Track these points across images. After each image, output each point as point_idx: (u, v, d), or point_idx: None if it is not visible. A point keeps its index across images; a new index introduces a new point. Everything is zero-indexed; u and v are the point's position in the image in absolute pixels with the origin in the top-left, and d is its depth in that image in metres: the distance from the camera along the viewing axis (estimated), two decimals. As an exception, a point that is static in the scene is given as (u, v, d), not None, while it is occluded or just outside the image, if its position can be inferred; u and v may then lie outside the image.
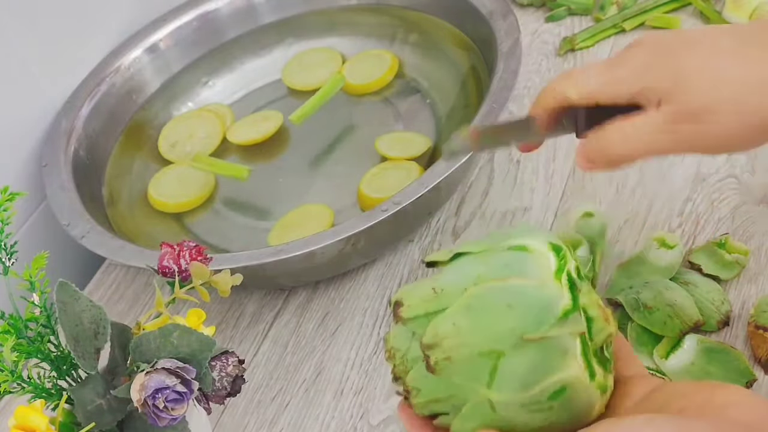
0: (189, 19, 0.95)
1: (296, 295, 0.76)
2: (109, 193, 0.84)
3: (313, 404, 0.68)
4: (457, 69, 0.87)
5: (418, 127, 0.85)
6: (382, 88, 0.90)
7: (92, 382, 0.53)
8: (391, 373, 0.46)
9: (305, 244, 0.67)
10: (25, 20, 0.82)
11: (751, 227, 0.71)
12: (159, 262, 0.58)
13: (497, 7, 0.82)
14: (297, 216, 0.79)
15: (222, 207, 0.83)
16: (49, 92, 0.87)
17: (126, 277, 0.81)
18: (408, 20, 0.93)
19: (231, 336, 0.74)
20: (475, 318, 0.43)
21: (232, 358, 0.55)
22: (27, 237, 0.82)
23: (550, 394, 0.42)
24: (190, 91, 0.94)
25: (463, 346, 0.43)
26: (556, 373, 0.42)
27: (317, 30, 0.96)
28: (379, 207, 0.68)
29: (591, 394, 0.43)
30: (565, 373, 0.42)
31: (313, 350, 0.72)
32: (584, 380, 0.42)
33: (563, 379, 0.42)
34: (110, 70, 0.90)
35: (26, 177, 0.83)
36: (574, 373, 0.42)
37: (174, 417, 0.51)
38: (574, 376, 0.42)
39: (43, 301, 0.54)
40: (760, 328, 0.62)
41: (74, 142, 0.84)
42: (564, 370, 0.42)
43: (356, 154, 0.85)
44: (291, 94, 0.93)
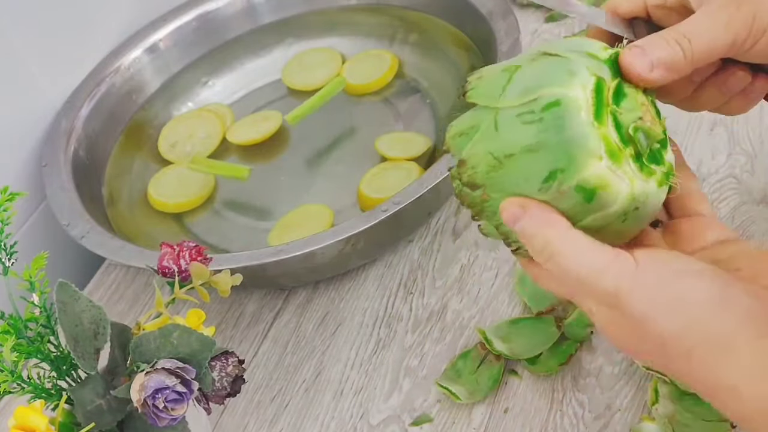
0: (189, 19, 0.95)
1: (296, 295, 0.76)
2: (109, 193, 0.84)
3: (313, 404, 0.68)
4: (457, 69, 0.87)
5: (418, 127, 0.85)
6: (382, 88, 0.90)
7: (92, 383, 0.53)
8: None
9: (305, 244, 0.67)
10: (25, 20, 0.82)
11: (751, 227, 0.71)
12: (159, 262, 0.58)
13: (497, 7, 0.82)
14: (297, 216, 0.79)
15: (222, 207, 0.83)
16: (49, 92, 0.87)
17: (126, 277, 0.81)
18: (408, 20, 0.93)
19: (231, 336, 0.74)
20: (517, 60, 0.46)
21: (232, 358, 0.55)
22: (27, 237, 0.82)
23: (544, 105, 0.43)
24: (190, 91, 0.94)
25: (493, 67, 0.46)
26: (556, 87, 0.43)
27: (317, 30, 0.96)
28: (379, 207, 0.68)
29: (592, 135, 0.42)
30: (562, 89, 0.42)
31: (313, 350, 0.72)
32: (584, 109, 0.42)
33: (558, 93, 0.42)
34: (110, 70, 0.90)
35: (26, 177, 0.83)
36: (572, 94, 0.42)
37: (174, 417, 0.51)
38: (572, 96, 0.42)
39: (43, 301, 0.54)
40: (760, 328, 0.62)
41: (74, 142, 0.84)
42: (563, 87, 0.42)
43: (356, 154, 0.85)
44: (291, 94, 0.93)
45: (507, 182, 0.44)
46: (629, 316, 0.41)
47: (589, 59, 0.44)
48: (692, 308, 0.40)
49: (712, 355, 0.40)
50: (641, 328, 0.41)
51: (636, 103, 0.44)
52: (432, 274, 0.74)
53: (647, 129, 0.44)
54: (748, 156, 0.76)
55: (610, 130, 0.43)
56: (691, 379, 0.41)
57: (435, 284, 0.74)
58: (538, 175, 0.43)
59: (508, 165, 0.44)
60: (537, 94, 0.43)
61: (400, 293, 0.74)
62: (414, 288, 0.74)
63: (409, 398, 0.66)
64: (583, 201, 0.43)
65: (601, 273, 0.42)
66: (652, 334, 0.41)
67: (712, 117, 0.80)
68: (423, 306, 0.72)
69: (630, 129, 0.43)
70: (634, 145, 0.43)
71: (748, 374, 0.39)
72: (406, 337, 0.70)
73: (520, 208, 0.44)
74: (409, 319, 0.72)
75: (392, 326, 0.71)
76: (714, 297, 0.40)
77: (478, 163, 0.45)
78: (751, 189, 0.74)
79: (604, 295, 0.42)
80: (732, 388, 0.39)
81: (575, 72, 0.43)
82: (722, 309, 0.40)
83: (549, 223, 0.43)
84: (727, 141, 0.78)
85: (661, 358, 0.42)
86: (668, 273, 0.42)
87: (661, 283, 0.41)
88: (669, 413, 0.59)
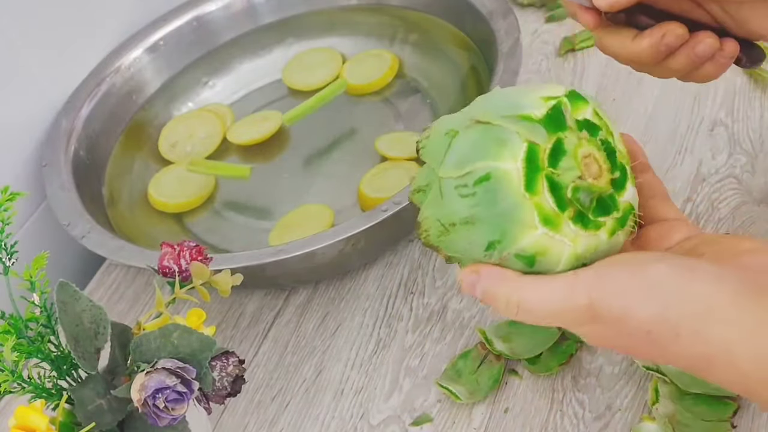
0: (189, 19, 0.95)
1: (296, 295, 0.76)
2: (109, 193, 0.84)
3: (313, 404, 0.68)
4: (457, 69, 0.87)
5: (418, 127, 0.85)
6: (382, 88, 0.90)
7: (92, 382, 0.53)
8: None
9: (305, 244, 0.67)
10: (26, 20, 0.82)
11: (751, 227, 0.71)
12: (159, 262, 0.58)
13: (497, 7, 0.82)
14: (297, 216, 0.79)
15: (222, 207, 0.83)
16: (49, 92, 0.87)
17: (126, 277, 0.81)
18: (408, 20, 0.93)
19: (231, 336, 0.74)
20: (463, 111, 0.47)
21: (232, 358, 0.55)
22: (27, 237, 0.82)
23: (476, 179, 0.43)
24: (190, 91, 0.94)
25: (438, 127, 0.48)
26: (487, 160, 0.43)
27: (317, 30, 0.96)
28: (379, 207, 0.68)
29: (524, 206, 0.43)
30: (492, 162, 0.43)
31: (313, 350, 0.72)
32: (514, 180, 0.43)
33: (489, 167, 0.43)
34: (110, 70, 0.90)
35: (26, 177, 0.83)
36: (502, 167, 0.43)
37: (174, 417, 0.51)
38: (502, 169, 0.43)
39: (43, 301, 0.54)
40: (760, 328, 0.62)
41: (74, 142, 0.84)
42: (493, 159, 0.43)
43: (356, 154, 0.85)
44: (291, 94, 0.93)
45: (455, 247, 0.46)
46: (610, 320, 0.42)
47: (522, 123, 0.44)
48: (664, 289, 0.41)
49: (697, 326, 0.40)
50: (625, 326, 0.42)
51: (576, 159, 0.44)
52: (432, 273, 0.74)
53: (588, 186, 0.43)
54: (749, 156, 0.76)
55: (545, 196, 0.43)
56: (686, 359, 0.41)
57: (435, 284, 0.74)
58: (479, 244, 0.44)
59: (453, 232, 0.45)
60: (469, 167, 0.44)
61: (400, 293, 0.74)
62: (414, 288, 0.74)
63: (409, 398, 0.66)
64: (525, 266, 0.44)
65: (569, 296, 0.43)
66: (636, 328, 0.41)
67: (712, 117, 0.80)
68: (423, 306, 0.72)
69: (569, 191, 0.43)
70: (575, 205, 0.43)
71: (737, 333, 0.39)
72: (407, 337, 0.70)
73: (474, 273, 0.46)
74: (410, 319, 0.72)
75: (392, 326, 0.71)
76: (681, 273, 0.41)
77: (429, 227, 0.46)
78: (752, 189, 0.74)
79: (581, 313, 0.43)
80: (725, 352, 0.39)
81: (505, 141, 0.43)
82: (692, 280, 0.41)
83: (503, 278, 0.45)
84: (727, 141, 0.78)
85: (653, 348, 0.42)
86: (630, 269, 0.42)
87: (628, 279, 0.42)
88: (669, 413, 0.59)
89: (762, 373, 0.39)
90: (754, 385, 0.39)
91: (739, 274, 0.41)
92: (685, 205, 0.74)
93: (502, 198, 0.43)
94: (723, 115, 0.80)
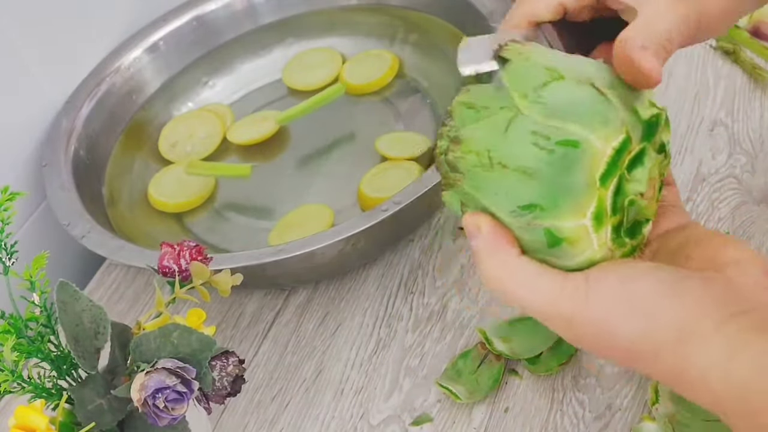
0: (189, 18, 0.95)
1: (296, 295, 0.76)
2: (109, 193, 0.84)
3: (313, 404, 0.68)
4: (457, 69, 0.87)
5: (418, 127, 0.85)
6: (382, 88, 0.90)
7: (92, 382, 0.53)
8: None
9: (305, 244, 0.67)
10: (25, 20, 0.82)
11: (751, 227, 0.71)
12: (159, 262, 0.58)
13: (497, 7, 0.82)
14: (297, 216, 0.79)
15: (222, 207, 0.83)
16: (49, 92, 0.87)
17: (126, 277, 0.81)
18: (408, 20, 0.93)
19: (231, 336, 0.74)
20: (569, 56, 0.45)
21: (232, 357, 0.55)
22: (27, 237, 0.82)
23: (562, 139, 0.41)
24: (190, 91, 0.94)
25: (541, 52, 0.45)
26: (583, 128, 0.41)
27: (317, 30, 0.96)
28: (379, 207, 0.68)
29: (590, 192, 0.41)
30: (588, 133, 0.41)
31: (313, 350, 0.72)
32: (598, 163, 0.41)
33: (582, 136, 0.41)
34: (110, 70, 0.90)
35: (26, 177, 0.83)
36: (595, 144, 0.41)
37: (174, 417, 0.51)
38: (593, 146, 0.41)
39: (43, 300, 0.54)
40: (760, 328, 0.62)
41: (74, 142, 0.84)
42: (590, 131, 0.41)
43: (356, 154, 0.85)
44: (291, 94, 0.93)
45: (486, 187, 0.43)
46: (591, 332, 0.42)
47: (630, 114, 0.42)
48: (648, 308, 0.41)
49: (678, 349, 0.40)
50: (605, 340, 0.42)
51: (647, 176, 0.43)
52: (432, 273, 0.74)
53: (641, 206, 0.43)
54: (749, 156, 0.76)
55: (608, 194, 0.42)
56: (663, 376, 0.41)
57: (435, 284, 0.74)
58: (518, 199, 0.42)
59: (496, 172, 0.42)
60: (562, 122, 0.41)
61: (400, 293, 0.74)
62: (414, 288, 0.74)
63: (409, 398, 0.66)
64: (545, 243, 0.42)
65: (554, 300, 0.42)
66: (616, 342, 0.41)
67: (712, 117, 0.80)
68: (423, 306, 0.72)
69: (627, 200, 0.42)
70: (622, 216, 0.43)
71: (716, 358, 0.39)
72: (407, 336, 0.70)
73: (476, 227, 0.44)
74: (410, 319, 0.72)
75: (392, 326, 0.71)
76: (667, 292, 0.41)
77: (470, 151, 0.43)
78: (752, 189, 0.74)
79: (562, 320, 0.43)
80: (702, 377, 0.40)
81: (609, 122, 0.41)
82: (676, 301, 0.41)
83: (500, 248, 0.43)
84: (727, 141, 0.78)
85: (632, 362, 0.42)
86: (617, 280, 0.42)
87: (613, 291, 0.42)
88: (669, 413, 0.59)
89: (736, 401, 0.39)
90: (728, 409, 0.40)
91: (724, 296, 0.41)
92: (685, 205, 0.74)
93: (577, 172, 0.41)
94: (723, 115, 0.80)
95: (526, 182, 0.41)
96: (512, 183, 0.42)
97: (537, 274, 0.43)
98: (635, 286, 0.41)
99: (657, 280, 0.41)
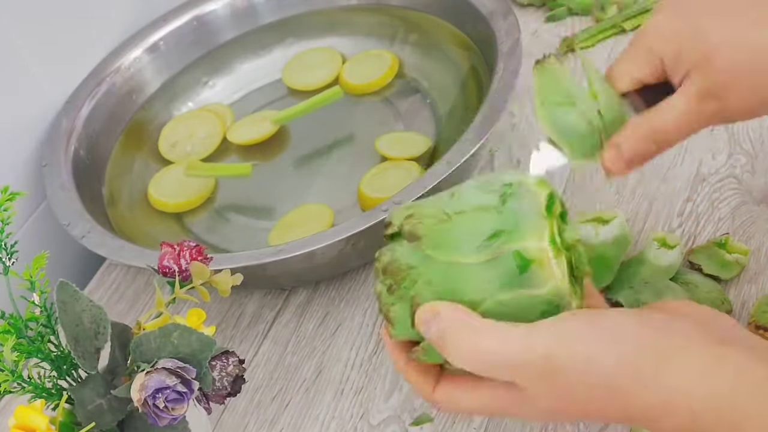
0: (189, 18, 0.95)
1: (296, 295, 0.76)
2: (109, 193, 0.84)
3: (313, 404, 0.68)
4: (458, 69, 0.87)
5: (418, 127, 0.85)
6: (382, 88, 0.90)
7: (92, 382, 0.53)
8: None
9: (305, 244, 0.67)
10: (25, 20, 0.82)
11: (751, 227, 0.71)
12: (159, 262, 0.58)
13: (497, 7, 0.82)
14: (297, 216, 0.79)
15: (222, 207, 0.83)
16: (49, 92, 0.87)
17: (126, 277, 0.81)
18: (408, 20, 0.93)
19: (231, 336, 0.74)
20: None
21: (232, 357, 0.55)
22: (27, 237, 0.82)
23: (506, 182, 0.46)
24: (190, 91, 0.94)
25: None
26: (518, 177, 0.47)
27: (317, 30, 0.96)
28: (379, 207, 0.68)
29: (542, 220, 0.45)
30: (524, 179, 0.46)
31: (313, 350, 0.72)
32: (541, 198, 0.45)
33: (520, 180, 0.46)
34: (110, 70, 0.90)
35: (26, 177, 0.83)
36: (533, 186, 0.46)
37: (174, 417, 0.51)
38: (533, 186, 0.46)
39: (43, 300, 0.54)
40: (761, 328, 0.62)
41: (74, 142, 0.84)
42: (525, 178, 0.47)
43: (356, 154, 0.85)
44: (291, 94, 0.93)
45: (448, 238, 0.45)
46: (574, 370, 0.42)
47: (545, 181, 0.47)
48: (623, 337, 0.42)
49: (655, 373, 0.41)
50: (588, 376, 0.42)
51: (575, 232, 0.46)
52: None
53: (581, 253, 0.46)
54: (749, 156, 0.76)
55: (555, 226, 0.45)
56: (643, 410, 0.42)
57: (435, 284, 0.74)
58: (482, 232, 0.45)
59: (455, 220, 0.46)
60: (496, 176, 0.46)
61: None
62: (414, 288, 0.74)
63: (409, 398, 0.66)
64: (515, 270, 0.44)
65: (525, 348, 0.42)
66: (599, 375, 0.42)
67: (712, 117, 0.80)
68: (423, 306, 0.72)
69: (571, 240, 0.46)
70: (570, 255, 0.45)
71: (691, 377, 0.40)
72: (407, 337, 0.70)
73: (432, 313, 0.45)
74: (410, 319, 0.71)
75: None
76: (635, 321, 0.43)
77: (426, 215, 0.46)
78: (752, 189, 0.74)
79: (538, 367, 0.42)
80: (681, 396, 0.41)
81: (536, 179, 0.46)
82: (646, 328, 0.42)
83: (462, 324, 0.44)
84: (727, 141, 0.78)
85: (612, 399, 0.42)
86: (588, 318, 0.43)
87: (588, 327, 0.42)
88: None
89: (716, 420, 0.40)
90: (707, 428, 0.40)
91: (684, 324, 0.43)
92: (685, 205, 0.74)
93: (526, 202, 0.45)
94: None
95: (486, 216, 0.45)
96: (474, 221, 0.45)
97: (508, 327, 0.43)
98: (606, 320, 0.43)
99: (624, 314, 0.43)
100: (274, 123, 0.87)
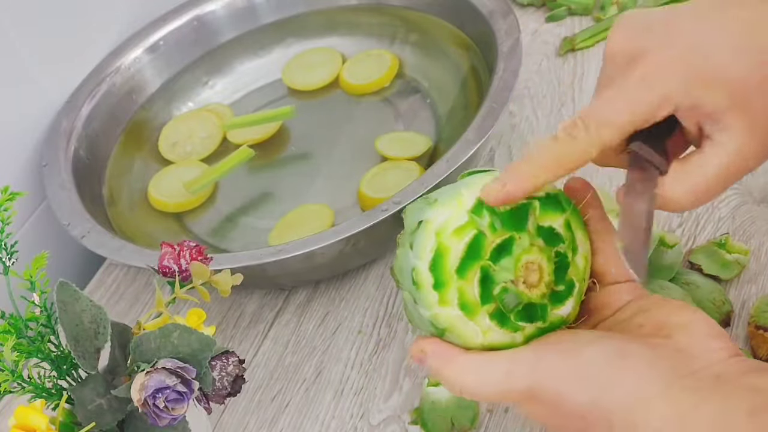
0: (189, 18, 0.95)
1: (296, 295, 0.76)
2: (109, 193, 0.84)
3: (313, 404, 0.68)
4: (458, 69, 0.87)
5: (418, 127, 0.85)
6: (382, 88, 0.90)
7: (92, 382, 0.53)
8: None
9: (305, 244, 0.67)
10: (25, 20, 0.82)
11: (751, 227, 0.71)
12: (159, 262, 0.58)
13: (497, 7, 0.82)
14: (297, 216, 0.79)
15: (222, 207, 0.83)
16: (49, 92, 0.87)
17: (126, 277, 0.81)
18: (408, 20, 0.93)
19: (231, 336, 0.74)
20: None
21: (232, 357, 0.55)
22: (27, 237, 0.82)
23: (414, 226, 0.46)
24: (190, 91, 0.94)
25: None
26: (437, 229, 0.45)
27: (317, 30, 0.96)
28: (379, 207, 0.68)
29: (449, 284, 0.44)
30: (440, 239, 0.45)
31: (313, 350, 0.72)
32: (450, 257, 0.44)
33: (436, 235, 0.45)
34: (110, 70, 0.90)
35: (26, 177, 0.83)
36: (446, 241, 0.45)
37: (174, 417, 0.51)
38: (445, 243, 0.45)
39: (43, 300, 0.54)
40: (761, 328, 0.62)
41: (74, 141, 0.84)
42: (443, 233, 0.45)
43: (356, 154, 0.85)
44: (291, 94, 0.93)
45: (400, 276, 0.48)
46: (547, 402, 0.43)
47: (483, 212, 0.45)
48: (597, 376, 0.42)
49: (629, 416, 0.40)
50: (560, 409, 0.42)
51: (517, 263, 0.44)
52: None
53: (516, 292, 0.44)
54: (748, 156, 0.76)
55: (473, 284, 0.44)
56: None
57: (435, 284, 0.74)
58: (410, 298, 0.46)
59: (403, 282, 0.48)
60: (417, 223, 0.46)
61: (400, 293, 0.74)
62: (414, 288, 0.74)
63: (409, 398, 0.66)
64: (435, 334, 0.46)
65: (507, 380, 0.43)
66: (571, 411, 0.42)
67: (712, 117, 0.80)
68: (423, 306, 0.72)
69: (497, 288, 0.44)
70: (497, 304, 0.45)
71: (667, 423, 0.40)
72: (406, 336, 0.70)
73: (421, 352, 0.46)
74: (410, 319, 0.72)
75: (392, 326, 0.71)
76: (614, 359, 0.42)
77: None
78: (751, 189, 0.74)
79: (520, 394, 0.44)
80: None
81: (460, 224, 0.45)
82: (624, 368, 0.41)
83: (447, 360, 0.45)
84: (727, 141, 0.78)
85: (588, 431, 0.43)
86: (565, 351, 0.43)
87: (562, 362, 0.43)
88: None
89: None
90: None
91: (670, 359, 0.41)
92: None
93: (437, 268, 0.44)
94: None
95: (411, 281, 0.46)
96: (407, 285, 0.47)
97: (488, 363, 0.44)
98: (582, 356, 0.42)
99: (601, 350, 0.42)
100: (224, 129, 0.88)
